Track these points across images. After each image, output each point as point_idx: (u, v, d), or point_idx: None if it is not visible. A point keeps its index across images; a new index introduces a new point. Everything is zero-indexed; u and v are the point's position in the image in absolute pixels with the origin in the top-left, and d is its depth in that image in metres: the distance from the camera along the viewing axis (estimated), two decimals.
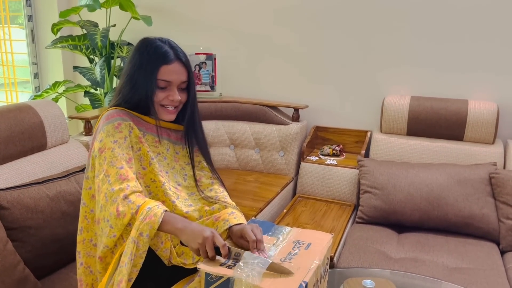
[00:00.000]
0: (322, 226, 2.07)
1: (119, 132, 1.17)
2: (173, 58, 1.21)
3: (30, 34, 3.19)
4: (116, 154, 1.14)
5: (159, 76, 1.20)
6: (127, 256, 1.04)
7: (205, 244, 1.00)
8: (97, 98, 2.79)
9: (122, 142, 1.17)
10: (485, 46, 2.25)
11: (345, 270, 1.61)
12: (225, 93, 2.83)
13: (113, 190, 1.09)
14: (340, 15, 2.49)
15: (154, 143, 1.26)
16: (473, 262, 1.73)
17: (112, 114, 1.20)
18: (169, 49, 1.22)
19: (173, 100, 1.22)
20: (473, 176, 1.98)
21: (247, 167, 2.62)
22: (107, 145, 1.15)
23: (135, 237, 1.04)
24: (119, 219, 1.07)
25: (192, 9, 2.82)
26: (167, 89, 1.22)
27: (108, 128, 1.17)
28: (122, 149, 1.16)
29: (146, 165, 1.21)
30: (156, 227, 1.04)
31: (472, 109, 2.16)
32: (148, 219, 1.04)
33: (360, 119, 2.58)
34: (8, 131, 1.61)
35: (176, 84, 1.22)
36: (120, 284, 1.03)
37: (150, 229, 1.04)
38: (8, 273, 1.30)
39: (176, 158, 1.30)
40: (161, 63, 1.20)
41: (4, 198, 1.43)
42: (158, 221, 1.04)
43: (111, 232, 1.08)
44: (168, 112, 1.24)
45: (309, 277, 0.98)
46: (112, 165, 1.13)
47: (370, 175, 2.10)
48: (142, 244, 1.05)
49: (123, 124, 1.18)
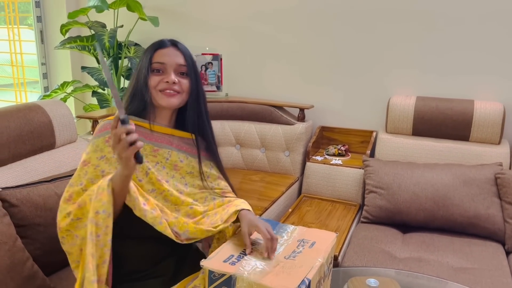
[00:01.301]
0: (327, 225, 2.07)
1: (109, 146, 1.16)
2: (168, 44, 1.22)
3: (39, 35, 3.23)
4: (98, 172, 1.14)
5: (154, 59, 1.20)
6: (89, 240, 1.05)
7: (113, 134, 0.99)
8: (105, 98, 2.81)
9: (110, 156, 1.16)
10: (491, 47, 2.25)
11: (349, 269, 1.62)
12: (231, 93, 2.85)
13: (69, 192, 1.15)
14: (345, 16, 2.50)
15: (153, 152, 1.22)
16: (478, 262, 1.73)
17: (105, 126, 1.19)
18: (166, 40, 1.23)
19: (168, 82, 1.18)
20: (479, 176, 1.98)
21: (253, 166, 2.63)
22: (92, 160, 1.15)
23: (93, 217, 1.05)
24: (82, 208, 1.10)
25: (198, 10, 2.84)
26: (162, 73, 1.20)
27: (97, 142, 1.17)
28: (108, 165, 1.15)
29: (143, 177, 1.18)
30: (108, 199, 1.05)
31: (478, 109, 2.16)
32: (98, 196, 1.05)
33: (365, 119, 2.58)
34: (18, 130, 1.64)
35: (172, 66, 1.20)
36: (88, 265, 1.03)
37: (104, 204, 1.05)
38: (18, 269, 1.33)
39: (176, 167, 1.25)
40: (156, 48, 1.21)
41: (14, 196, 1.46)
42: (108, 192, 1.05)
43: (82, 222, 1.11)
44: (167, 95, 1.19)
45: (312, 275, 0.99)
46: (91, 182, 1.14)
47: (375, 175, 2.10)
48: (102, 220, 1.05)
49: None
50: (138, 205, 1.10)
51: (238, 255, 1.07)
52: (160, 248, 1.23)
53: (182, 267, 1.26)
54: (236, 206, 1.19)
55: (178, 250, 1.27)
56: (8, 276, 1.29)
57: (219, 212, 1.20)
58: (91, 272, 1.04)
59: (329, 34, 2.56)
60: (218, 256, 1.05)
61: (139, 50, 2.83)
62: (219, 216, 1.18)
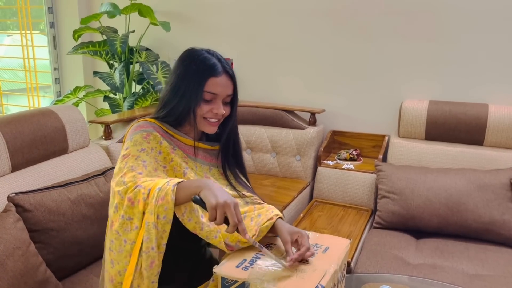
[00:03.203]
0: (339, 231, 2.06)
1: (147, 143, 1.15)
2: (221, 71, 1.18)
3: (51, 40, 3.26)
4: (139, 162, 1.12)
5: (206, 88, 1.16)
6: (151, 241, 1.02)
7: (222, 207, 0.95)
8: (116, 103, 2.83)
9: (150, 151, 1.15)
10: (504, 50, 2.22)
11: (362, 276, 1.60)
12: (242, 98, 2.82)
13: (125, 184, 1.08)
14: (357, 19, 2.48)
15: (183, 158, 1.22)
16: (493, 269, 1.70)
17: (141, 125, 1.19)
18: (217, 62, 1.18)
19: (217, 114, 1.18)
20: (494, 181, 1.95)
21: (264, 171, 2.63)
22: (132, 152, 1.14)
23: (154, 221, 1.02)
24: (134, 208, 1.05)
25: (209, 14, 2.85)
26: (212, 102, 1.18)
27: (136, 138, 1.16)
28: (149, 157, 1.14)
29: (181, 176, 1.18)
30: (171, 206, 1.01)
31: (493, 113, 2.13)
32: (161, 201, 1.02)
33: (377, 123, 2.56)
34: (32, 135, 1.65)
35: (222, 97, 1.19)
36: (153, 264, 1.02)
37: (166, 210, 1.01)
38: (31, 274, 1.33)
39: (207, 175, 1.25)
40: (209, 75, 1.16)
41: (27, 201, 1.47)
42: (171, 199, 1.01)
43: (133, 224, 1.05)
44: (211, 124, 1.20)
45: (326, 281, 0.98)
46: (132, 170, 1.10)
47: (388, 180, 2.08)
48: (161, 226, 1.03)
49: (152, 136, 1.16)
50: (196, 217, 1.08)
51: (251, 259, 1.06)
52: (174, 255, 1.23)
53: (196, 275, 1.26)
54: (277, 211, 1.18)
55: (192, 258, 1.27)
56: (22, 281, 1.30)
57: (262, 213, 1.17)
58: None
59: (340, 38, 2.55)
60: (231, 261, 1.04)
61: (150, 55, 2.84)
62: (264, 216, 1.16)
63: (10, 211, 1.41)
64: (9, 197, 1.46)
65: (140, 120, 1.22)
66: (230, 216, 0.96)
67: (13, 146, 1.58)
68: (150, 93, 2.76)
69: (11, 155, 1.58)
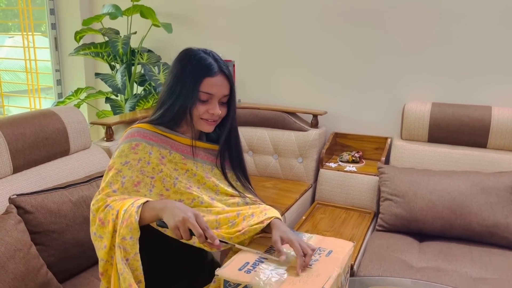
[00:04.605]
0: (342, 233, 2.05)
1: (134, 154, 1.15)
2: (217, 71, 1.17)
3: (53, 42, 3.26)
4: (118, 177, 1.13)
5: (202, 88, 1.15)
6: (120, 263, 1.02)
7: (183, 224, 0.96)
8: (118, 104, 2.83)
9: (135, 164, 1.14)
10: (508, 52, 2.21)
11: (365, 279, 1.59)
12: (243, 100, 2.84)
13: (98, 202, 1.10)
14: (359, 21, 2.48)
15: (182, 160, 1.21)
16: (497, 272, 1.69)
17: (132, 133, 1.18)
18: (213, 61, 1.17)
19: (213, 114, 1.18)
20: (498, 184, 1.94)
21: (266, 173, 2.62)
22: (115, 165, 1.14)
23: (119, 243, 1.02)
24: (105, 227, 1.06)
25: (211, 16, 2.85)
26: (208, 102, 1.18)
27: (123, 148, 1.16)
28: (131, 171, 1.14)
29: (170, 186, 1.17)
30: (135, 226, 1.01)
31: (496, 116, 2.12)
32: (126, 222, 1.02)
33: (380, 125, 2.55)
34: (33, 137, 1.65)
35: (218, 97, 1.18)
36: (131, 287, 1.02)
37: (130, 230, 1.01)
38: (32, 276, 1.33)
39: (208, 175, 1.25)
40: (205, 75, 1.16)
41: (28, 202, 1.46)
42: (135, 220, 1.01)
43: (102, 243, 1.07)
44: (208, 123, 1.20)
45: (329, 285, 0.97)
46: (109, 186, 1.12)
47: (391, 182, 2.07)
48: (130, 247, 1.02)
49: (141, 146, 1.16)
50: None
51: (254, 262, 1.05)
52: (175, 257, 1.22)
53: (198, 277, 1.25)
54: (274, 212, 1.17)
55: (193, 260, 1.26)
56: (23, 283, 1.29)
57: (256, 214, 1.16)
58: None
59: (342, 40, 2.54)
60: (233, 264, 1.03)
61: (152, 57, 2.84)
62: (256, 217, 1.15)
63: (11, 212, 1.41)
64: (10, 198, 1.46)
65: (134, 126, 1.21)
66: (193, 228, 0.97)
67: (15, 147, 1.57)
68: (152, 95, 2.76)
69: (13, 157, 1.57)
